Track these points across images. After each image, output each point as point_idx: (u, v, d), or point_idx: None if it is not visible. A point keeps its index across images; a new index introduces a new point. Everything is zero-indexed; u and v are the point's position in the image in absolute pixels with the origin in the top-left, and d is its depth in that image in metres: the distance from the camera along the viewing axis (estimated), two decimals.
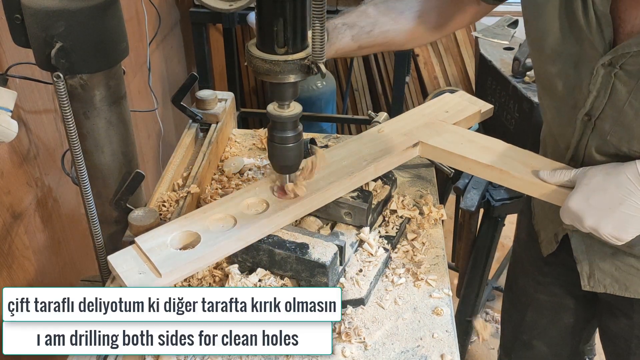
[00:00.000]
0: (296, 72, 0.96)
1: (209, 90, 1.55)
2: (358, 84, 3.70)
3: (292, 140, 1.05)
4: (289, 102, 1.01)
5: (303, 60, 0.95)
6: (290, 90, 0.99)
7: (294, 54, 0.95)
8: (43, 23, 0.98)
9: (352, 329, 1.05)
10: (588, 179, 1.00)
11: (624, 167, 0.97)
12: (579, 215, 0.98)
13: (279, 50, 0.94)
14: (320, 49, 0.92)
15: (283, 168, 1.09)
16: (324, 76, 0.96)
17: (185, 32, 3.09)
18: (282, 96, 0.99)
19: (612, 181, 0.96)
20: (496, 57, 2.39)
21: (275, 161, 1.08)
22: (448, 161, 1.23)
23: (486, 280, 2.15)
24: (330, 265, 1.06)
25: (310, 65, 0.95)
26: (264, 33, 0.94)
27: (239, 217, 1.07)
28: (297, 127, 1.05)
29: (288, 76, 0.96)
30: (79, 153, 1.08)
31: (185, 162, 1.43)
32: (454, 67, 3.69)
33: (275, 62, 0.94)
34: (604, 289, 1.22)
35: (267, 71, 0.95)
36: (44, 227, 1.66)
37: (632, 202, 0.94)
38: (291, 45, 0.94)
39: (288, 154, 1.06)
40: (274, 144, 1.06)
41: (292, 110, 1.02)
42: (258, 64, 0.95)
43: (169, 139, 2.78)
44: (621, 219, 0.95)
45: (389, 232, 1.25)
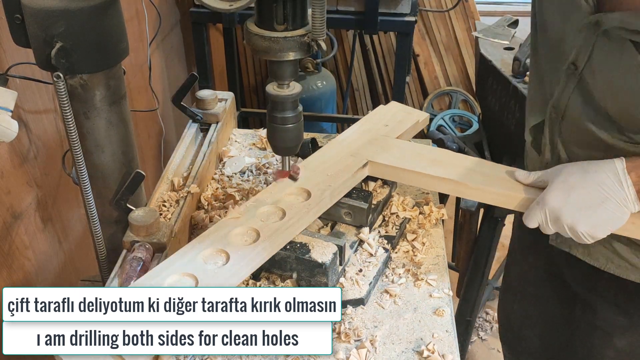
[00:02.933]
0: (296, 49, 0.94)
1: (209, 90, 1.55)
2: (358, 83, 3.70)
3: (292, 120, 1.03)
4: (288, 82, 0.99)
5: (303, 37, 0.93)
6: (289, 69, 0.97)
7: (294, 30, 0.93)
8: (43, 23, 0.98)
9: (352, 329, 1.05)
10: (565, 176, 0.99)
11: (602, 165, 0.97)
12: (556, 212, 0.97)
13: (279, 27, 0.92)
14: (321, 25, 0.90)
15: (283, 149, 1.08)
16: (324, 53, 0.95)
17: (186, 32, 3.08)
18: (282, 75, 0.97)
19: (591, 179, 0.96)
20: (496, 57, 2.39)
21: (275, 142, 1.06)
22: (400, 178, 1.18)
23: (486, 280, 2.15)
24: (330, 265, 1.06)
25: (310, 43, 0.93)
26: (263, 10, 0.92)
27: (230, 250, 1.00)
28: (297, 107, 1.03)
29: (287, 54, 0.94)
30: (79, 153, 1.08)
31: (185, 162, 1.43)
32: (454, 67, 3.69)
33: (274, 39, 0.92)
34: (569, 248, 1.22)
35: (266, 49, 0.93)
36: (44, 227, 1.66)
37: (614, 200, 0.94)
38: (291, 22, 0.92)
39: (288, 134, 1.04)
40: (274, 124, 1.03)
41: (292, 89, 1.00)
42: (257, 41, 0.93)
43: (169, 138, 2.78)
44: (600, 218, 0.95)
45: (389, 232, 1.25)
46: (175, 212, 1.24)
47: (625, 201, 0.94)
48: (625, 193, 0.94)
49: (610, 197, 0.94)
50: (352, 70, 3.50)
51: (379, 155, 1.20)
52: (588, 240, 0.98)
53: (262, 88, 3.72)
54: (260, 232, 1.02)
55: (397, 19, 2.44)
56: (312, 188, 1.11)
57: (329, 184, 1.13)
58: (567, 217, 0.96)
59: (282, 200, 1.09)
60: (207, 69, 2.76)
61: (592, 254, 1.19)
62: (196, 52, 2.76)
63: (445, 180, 1.11)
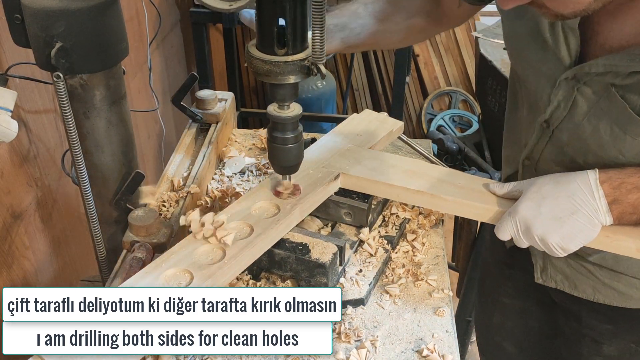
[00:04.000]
0: (296, 73, 0.96)
1: (209, 90, 1.54)
2: (358, 84, 3.70)
3: (292, 140, 1.04)
4: (289, 103, 1.01)
5: (303, 61, 0.95)
6: (290, 91, 0.99)
7: (294, 54, 0.95)
8: (43, 23, 0.98)
9: (352, 329, 1.05)
10: (538, 186, 0.97)
11: (575, 176, 0.95)
12: (528, 223, 0.94)
13: (279, 51, 0.94)
14: (320, 49, 0.92)
15: (283, 169, 1.09)
16: (324, 77, 0.96)
17: (186, 32, 3.09)
18: (282, 97, 1.00)
19: (563, 190, 0.94)
20: (496, 57, 2.39)
21: (275, 162, 1.08)
22: (374, 190, 1.14)
23: None
24: (329, 266, 1.06)
25: (310, 66, 0.95)
26: (264, 34, 0.94)
27: (194, 270, 0.96)
28: (297, 128, 1.05)
29: (288, 77, 0.96)
30: (79, 153, 1.08)
31: (185, 162, 1.43)
32: (454, 67, 3.69)
33: (275, 63, 0.94)
34: (555, 284, 1.22)
35: (267, 72, 0.95)
36: (44, 227, 1.66)
37: (584, 212, 0.92)
38: (291, 46, 0.94)
39: (288, 154, 1.06)
40: (275, 144, 1.05)
41: (292, 111, 1.02)
42: (258, 65, 0.95)
43: (169, 138, 2.78)
44: (571, 229, 0.93)
45: (388, 232, 1.25)
46: (175, 212, 1.24)
47: (597, 213, 0.92)
48: (596, 204, 0.92)
49: (581, 208, 0.92)
50: (352, 70, 3.51)
51: (351, 167, 1.15)
52: (560, 252, 0.95)
53: (262, 88, 3.72)
54: (225, 250, 0.98)
55: None
56: (281, 202, 1.08)
57: (299, 198, 1.09)
58: (538, 228, 0.94)
59: (250, 215, 1.05)
60: (207, 69, 2.77)
61: (578, 287, 1.19)
62: (196, 52, 2.76)
63: (419, 192, 1.08)
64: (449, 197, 1.06)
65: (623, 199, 0.92)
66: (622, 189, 0.92)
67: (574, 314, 1.26)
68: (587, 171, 0.95)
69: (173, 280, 0.94)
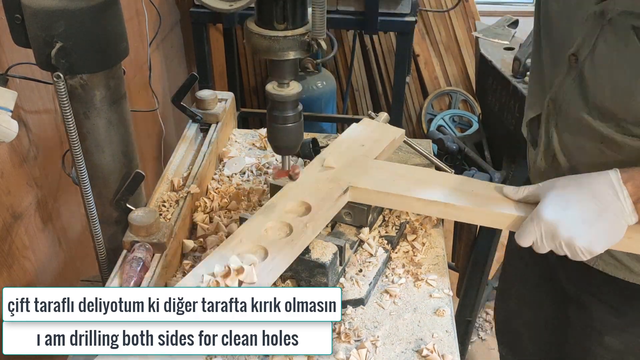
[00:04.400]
0: (296, 48, 0.93)
1: (209, 90, 1.54)
2: (358, 84, 3.70)
3: (292, 120, 1.02)
4: (288, 81, 0.98)
5: (303, 36, 0.92)
6: (290, 68, 0.96)
7: (294, 29, 0.92)
8: (43, 23, 0.98)
9: (352, 330, 1.05)
10: (560, 189, 0.95)
11: (596, 177, 0.94)
12: (553, 228, 0.93)
13: (279, 26, 0.91)
14: (321, 24, 0.89)
15: (283, 149, 1.08)
16: (324, 53, 0.94)
17: (185, 32, 3.08)
18: (282, 74, 0.97)
19: (587, 191, 0.93)
20: (497, 57, 2.39)
21: (275, 142, 1.06)
22: (384, 202, 1.11)
23: (486, 280, 2.15)
24: (329, 266, 1.06)
25: (311, 42, 0.93)
26: (263, 8, 0.91)
27: None
28: (297, 107, 1.02)
29: (288, 53, 0.93)
30: (79, 153, 1.08)
31: (185, 162, 1.43)
32: (454, 67, 3.69)
33: (274, 38, 0.92)
34: None
35: (266, 48, 0.92)
36: (44, 227, 1.66)
37: (611, 213, 0.91)
38: (291, 21, 0.91)
39: (288, 134, 1.03)
40: (274, 124, 1.03)
41: (292, 89, 0.99)
42: (257, 40, 0.93)
43: (169, 138, 2.78)
44: (599, 232, 0.92)
45: (389, 232, 1.25)
46: (175, 212, 1.24)
47: (623, 213, 0.91)
48: (622, 204, 0.91)
49: (608, 209, 0.91)
50: (352, 71, 3.50)
51: (360, 179, 1.12)
52: (585, 256, 0.94)
53: (262, 88, 3.71)
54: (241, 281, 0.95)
55: (397, 19, 2.44)
56: (292, 221, 1.03)
57: (311, 216, 1.05)
58: (565, 232, 0.92)
59: (262, 238, 1.01)
60: (207, 69, 2.76)
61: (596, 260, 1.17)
62: (196, 52, 2.76)
63: (433, 203, 1.05)
64: (465, 205, 1.03)
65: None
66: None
67: (584, 306, 1.26)
68: (608, 171, 0.93)
69: None
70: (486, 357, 2.61)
